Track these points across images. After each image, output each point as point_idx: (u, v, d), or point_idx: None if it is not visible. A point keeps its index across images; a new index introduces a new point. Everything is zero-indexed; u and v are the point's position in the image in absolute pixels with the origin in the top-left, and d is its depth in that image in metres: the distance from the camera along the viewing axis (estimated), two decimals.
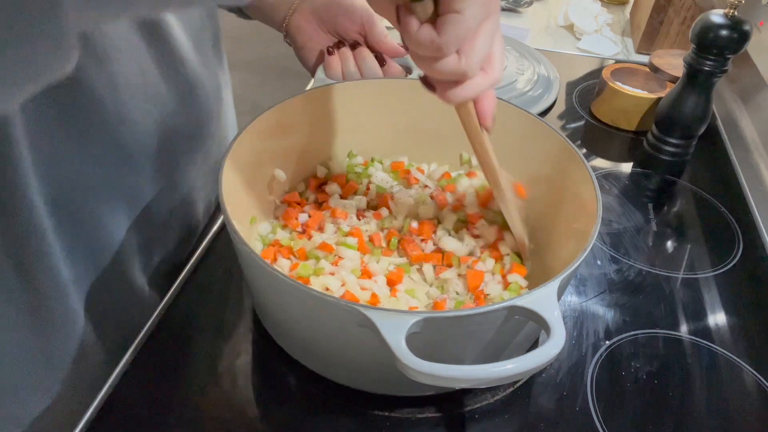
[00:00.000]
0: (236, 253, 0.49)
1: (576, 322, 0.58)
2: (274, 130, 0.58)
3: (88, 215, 0.50)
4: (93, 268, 0.53)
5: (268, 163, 0.60)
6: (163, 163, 0.56)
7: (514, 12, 1.25)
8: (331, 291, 0.52)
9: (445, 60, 0.38)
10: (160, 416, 0.48)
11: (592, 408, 0.51)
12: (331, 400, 0.50)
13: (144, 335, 0.54)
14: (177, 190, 0.60)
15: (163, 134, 0.54)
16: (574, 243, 0.51)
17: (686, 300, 0.62)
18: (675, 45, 1.06)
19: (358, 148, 0.67)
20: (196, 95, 0.58)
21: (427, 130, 0.66)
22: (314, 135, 0.64)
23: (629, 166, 0.82)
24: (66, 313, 0.52)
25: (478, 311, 0.41)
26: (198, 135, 0.61)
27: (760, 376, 0.55)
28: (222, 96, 0.65)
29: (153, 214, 0.57)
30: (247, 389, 0.51)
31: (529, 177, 0.63)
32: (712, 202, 0.76)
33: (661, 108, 0.78)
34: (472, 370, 0.38)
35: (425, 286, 0.56)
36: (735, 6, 0.68)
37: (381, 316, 0.39)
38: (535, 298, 0.41)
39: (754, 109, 0.89)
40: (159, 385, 0.51)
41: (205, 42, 0.61)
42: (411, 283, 0.56)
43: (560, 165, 0.57)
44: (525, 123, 0.60)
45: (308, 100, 0.60)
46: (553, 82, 0.94)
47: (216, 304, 0.58)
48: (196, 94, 0.58)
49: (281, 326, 0.51)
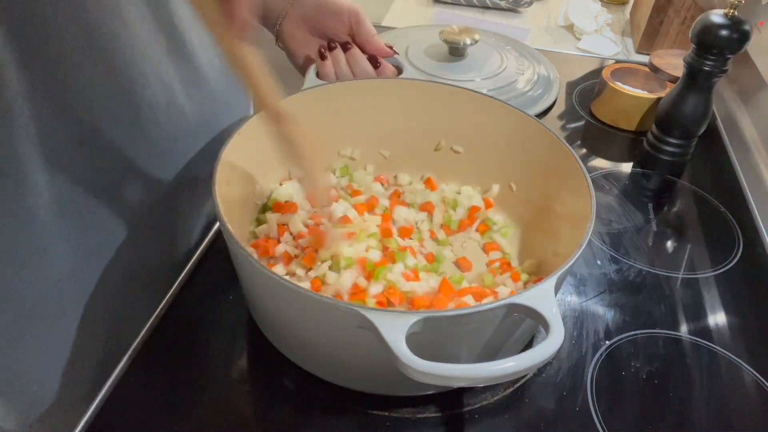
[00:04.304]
0: (231, 256, 0.49)
1: (576, 322, 0.58)
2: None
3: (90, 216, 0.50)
4: (93, 267, 0.53)
5: (265, 163, 0.60)
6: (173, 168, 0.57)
7: (514, 12, 1.25)
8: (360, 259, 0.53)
9: None
10: (159, 416, 0.48)
11: (592, 408, 0.51)
12: (330, 401, 0.50)
13: (143, 336, 0.54)
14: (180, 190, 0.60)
15: (179, 147, 0.55)
16: (570, 240, 0.51)
17: (686, 300, 0.62)
18: (675, 45, 1.06)
19: (352, 146, 0.67)
20: (218, 111, 0.59)
21: (420, 129, 0.67)
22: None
23: (629, 166, 0.82)
24: (64, 312, 0.52)
25: (478, 309, 0.41)
26: (212, 140, 0.61)
27: (760, 376, 0.55)
28: (241, 108, 0.66)
29: (154, 214, 0.57)
30: (246, 391, 0.51)
31: (525, 175, 0.63)
32: (712, 202, 0.76)
33: (661, 108, 0.78)
34: (472, 369, 0.38)
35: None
36: (735, 6, 0.68)
37: (380, 316, 0.39)
38: (533, 295, 0.41)
39: (754, 109, 0.89)
40: (158, 385, 0.51)
41: None
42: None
43: (555, 163, 0.57)
44: (519, 122, 0.61)
45: (304, 100, 0.61)
46: (553, 82, 0.94)
47: (215, 305, 0.58)
48: (218, 110, 0.59)
49: (278, 329, 0.51)
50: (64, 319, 0.52)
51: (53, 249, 0.48)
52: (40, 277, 0.48)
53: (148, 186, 0.56)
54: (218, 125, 0.62)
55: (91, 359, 0.55)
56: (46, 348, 0.52)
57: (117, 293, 0.56)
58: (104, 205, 0.51)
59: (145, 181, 0.55)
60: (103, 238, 0.52)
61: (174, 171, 0.58)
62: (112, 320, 0.56)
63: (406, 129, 0.67)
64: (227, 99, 0.62)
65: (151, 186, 0.56)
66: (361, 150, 0.68)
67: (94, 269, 0.53)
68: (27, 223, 0.46)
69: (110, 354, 0.55)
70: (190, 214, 0.64)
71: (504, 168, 0.65)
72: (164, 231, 0.60)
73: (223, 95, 0.61)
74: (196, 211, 0.65)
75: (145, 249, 0.58)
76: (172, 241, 0.62)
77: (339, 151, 0.67)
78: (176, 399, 0.49)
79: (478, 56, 0.94)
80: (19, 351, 0.51)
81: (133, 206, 0.55)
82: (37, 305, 0.49)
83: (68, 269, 0.50)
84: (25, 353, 0.51)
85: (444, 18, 1.21)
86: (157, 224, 0.58)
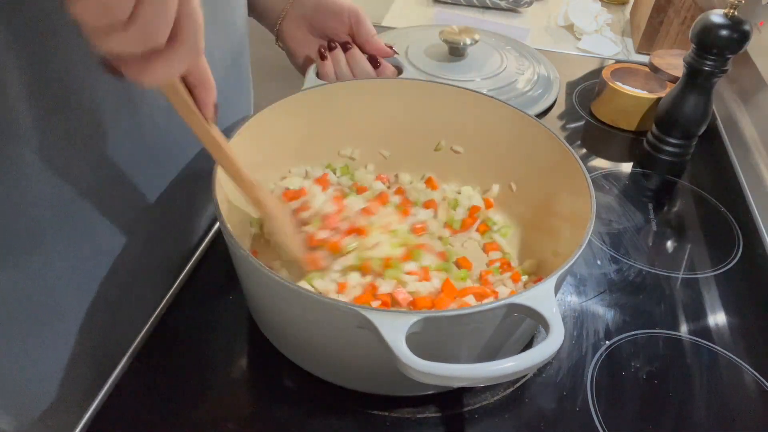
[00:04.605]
0: (231, 256, 0.49)
1: (576, 322, 0.58)
2: (270, 130, 0.58)
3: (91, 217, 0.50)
4: (93, 268, 0.53)
5: (266, 163, 0.60)
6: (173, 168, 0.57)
7: (514, 12, 1.25)
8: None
9: (111, 24, 0.32)
10: (159, 417, 0.48)
11: (592, 408, 0.51)
12: (330, 401, 0.50)
13: (143, 336, 0.54)
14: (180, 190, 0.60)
15: (179, 147, 0.56)
16: (570, 240, 0.51)
17: (686, 300, 0.62)
18: (675, 45, 1.06)
19: (352, 146, 0.68)
20: (219, 116, 0.59)
21: (420, 129, 0.67)
22: (311, 134, 0.64)
23: (629, 166, 0.82)
24: (64, 312, 0.52)
25: (478, 309, 0.41)
26: None
27: (760, 376, 0.55)
28: (242, 108, 0.66)
29: (154, 214, 0.57)
30: (246, 391, 0.51)
31: (525, 175, 0.63)
32: (712, 202, 0.76)
33: (661, 108, 0.78)
34: (473, 369, 0.38)
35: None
36: (735, 6, 0.68)
37: (380, 317, 0.39)
38: (533, 295, 0.41)
39: (754, 109, 0.89)
40: (158, 385, 0.50)
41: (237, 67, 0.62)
42: None
43: (555, 163, 0.57)
44: (519, 122, 0.61)
45: (304, 100, 0.61)
46: (553, 82, 0.94)
47: (215, 305, 0.58)
48: (219, 115, 0.59)
49: (278, 329, 0.51)
50: (64, 319, 0.52)
51: (53, 250, 0.48)
52: (40, 278, 0.48)
53: (148, 186, 0.56)
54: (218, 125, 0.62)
55: (91, 359, 0.55)
56: (46, 348, 0.52)
57: (117, 293, 0.56)
58: (104, 205, 0.51)
59: (145, 181, 0.55)
60: (103, 238, 0.52)
61: (174, 171, 0.58)
62: (112, 320, 0.56)
63: (406, 129, 0.67)
64: (227, 99, 0.62)
65: (151, 186, 0.56)
66: (361, 150, 0.68)
67: (94, 270, 0.53)
68: (27, 224, 0.46)
69: (110, 354, 0.55)
70: (190, 214, 0.64)
71: (504, 168, 0.65)
72: (164, 231, 0.60)
73: (223, 95, 0.61)
74: (196, 212, 0.65)
75: (145, 249, 0.58)
76: (172, 242, 0.62)
77: (339, 151, 0.67)
78: (176, 399, 0.49)
79: (478, 56, 0.94)
80: (19, 351, 0.51)
81: (133, 206, 0.55)
82: (37, 306, 0.49)
83: (68, 270, 0.50)
84: (25, 353, 0.51)
85: (444, 18, 1.21)
86: (157, 224, 0.58)
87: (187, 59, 0.36)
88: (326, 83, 0.64)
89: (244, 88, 0.67)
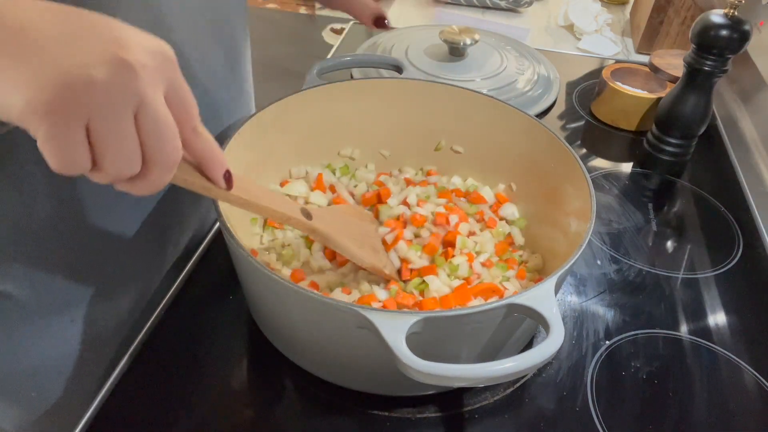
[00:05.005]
0: (231, 256, 0.49)
1: (576, 322, 0.58)
2: (270, 130, 0.58)
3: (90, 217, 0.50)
4: (92, 268, 0.53)
5: (266, 163, 0.60)
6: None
7: (514, 12, 1.25)
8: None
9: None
10: (159, 417, 0.48)
11: (592, 408, 0.51)
12: (330, 401, 0.50)
13: (143, 335, 0.54)
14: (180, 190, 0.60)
15: None
16: (570, 241, 0.51)
17: (686, 300, 0.62)
18: (675, 45, 1.06)
19: (352, 146, 0.67)
20: (218, 111, 0.59)
21: (420, 129, 0.67)
22: (311, 134, 0.64)
23: (629, 166, 0.82)
24: (64, 313, 0.52)
25: (478, 310, 0.41)
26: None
27: (760, 376, 0.55)
28: (242, 108, 0.66)
29: (154, 214, 0.57)
30: (246, 391, 0.51)
31: (525, 175, 0.63)
32: (712, 202, 0.76)
33: (661, 108, 0.78)
34: (473, 369, 0.38)
35: None
36: (735, 6, 0.68)
37: (380, 317, 0.39)
38: (533, 295, 0.41)
39: (754, 109, 0.89)
40: (158, 385, 0.50)
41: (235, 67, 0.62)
42: None
43: (555, 163, 0.57)
44: (519, 122, 0.61)
45: (304, 100, 0.61)
46: (553, 82, 0.94)
47: (215, 305, 0.58)
48: (218, 110, 0.59)
49: (278, 329, 0.51)
50: (64, 319, 0.52)
51: (53, 251, 0.48)
52: (40, 278, 0.48)
53: None
54: (218, 125, 0.62)
55: (91, 359, 0.55)
56: (46, 348, 0.52)
57: (116, 294, 0.56)
58: (104, 206, 0.51)
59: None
60: (103, 239, 0.52)
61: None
62: (112, 321, 0.56)
63: (406, 129, 0.67)
64: (227, 99, 0.62)
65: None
66: (361, 150, 0.68)
67: (93, 270, 0.53)
68: (27, 226, 0.46)
69: (110, 354, 0.55)
70: (190, 214, 0.64)
71: (504, 168, 0.65)
72: (164, 231, 0.60)
73: (224, 95, 0.61)
74: (197, 211, 0.65)
75: (145, 249, 0.58)
76: (172, 242, 0.62)
77: (339, 151, 0.67)
78: (176, 399, 0.49)
79: (478, 56, 0.94)
80: (19, 351, 0.51)
81: (133, 207, 0.55)
82: (37, 306, 0.49)
83: (68, 270, 0.50)
84: (26, 353, 0.51)
85: (444, 18, 1.21)
86: (157, 224, 0.58)
87: (167, 173, 0.34)
88: (326, 83, 0.64)
89: (244, 88, 0.67)
